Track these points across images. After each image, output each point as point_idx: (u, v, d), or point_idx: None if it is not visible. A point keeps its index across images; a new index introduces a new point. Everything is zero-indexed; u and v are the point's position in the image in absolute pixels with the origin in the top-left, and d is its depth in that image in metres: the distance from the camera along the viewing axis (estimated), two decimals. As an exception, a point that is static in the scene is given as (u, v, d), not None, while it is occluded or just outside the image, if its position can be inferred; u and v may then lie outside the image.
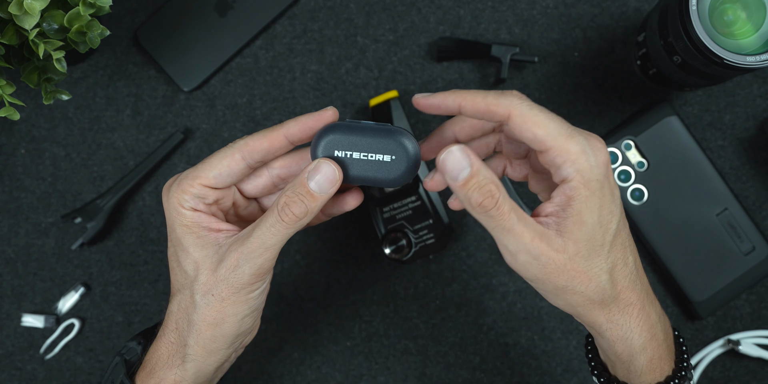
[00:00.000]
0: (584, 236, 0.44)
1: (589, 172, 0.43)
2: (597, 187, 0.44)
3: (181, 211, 0.47)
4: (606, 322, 0.46)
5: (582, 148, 0.43)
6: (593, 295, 0.45)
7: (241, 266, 0.46)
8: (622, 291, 0.46)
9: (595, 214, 0.44)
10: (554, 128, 0.43)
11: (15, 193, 0.68)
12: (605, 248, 0.45)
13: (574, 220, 0.44)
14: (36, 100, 0.68)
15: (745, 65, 0.53)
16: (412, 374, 0.68)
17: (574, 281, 0.45)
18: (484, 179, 0.43)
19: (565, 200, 0.44)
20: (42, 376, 0.68)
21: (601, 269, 0.45)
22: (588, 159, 0.43)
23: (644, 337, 0.47)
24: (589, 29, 0.68)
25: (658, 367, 0.48)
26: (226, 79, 0.68)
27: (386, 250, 0.64)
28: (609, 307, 0.46)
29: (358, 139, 0.46)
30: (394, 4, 0.68)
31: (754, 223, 0.66)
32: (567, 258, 0.44)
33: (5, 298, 0.68)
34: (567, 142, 0.43)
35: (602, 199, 0.44)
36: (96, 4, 0.52)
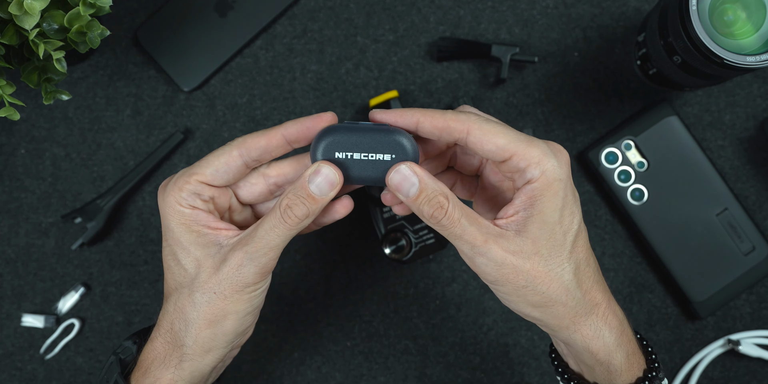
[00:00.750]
0: (544, 235, 0.45)
1: (552, 172, 0.44)
2: (560, 187, 0.45)
3: (178, 208, 0.47)
4: (573, 324, 0.46)
5: (544, 151, 0.45)
6: (555, 295, 0.45)
7: (245, 265, 0.46)
8: (588, 292, 0.46)
9: (556, 213, 0.45)
10: (514, 136, 0.45)
11: (15, 193, 0.68)
12: (566, 248, 0.45)
13: (534, 220, 0.45)
14: (36, 100, 0.68)
15: (745, 65, 0.53)
16: (412, 374, 0.68)
17: (535, 281, 0.45)
18: (433, 192, 0.45)
19: (527, 200, 0.45)
20: (42, 376, 0.68)
21: (564, 269, 0.45)
22: (550, 160, 0.45)
23: (615, 333, 0.47)
24: (589, 29, 0.68)
25: (636, 362, 0.48)
26: (226, 79, 0.68)
27: (386, 250, 0.64)
28: (574, 308, 0.46)
29: (357, 140, 0.46)
30: (394, 4, 0.68)
31: (754, 223, 0.66)
32: (525, 257, 0.45)
33: (5, 298, 0.68)
34: (528, 146, 0.45)
35: (564, 199, 0.45)
36: (96, 4, 0.52)
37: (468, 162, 0.52)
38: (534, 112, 0.68)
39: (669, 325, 0.68)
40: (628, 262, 0.68)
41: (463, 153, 0.51)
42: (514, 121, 0.68)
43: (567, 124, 0.68)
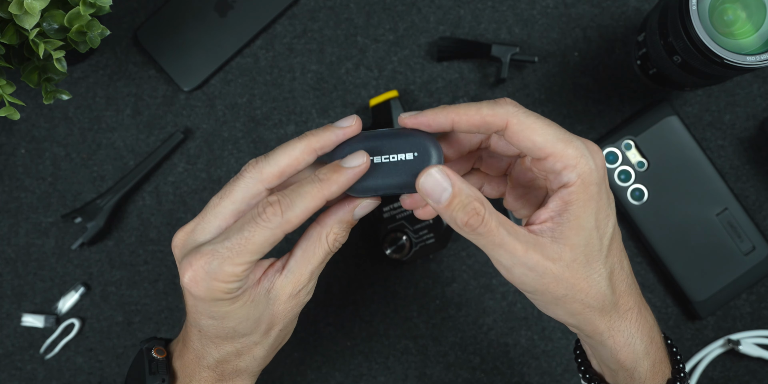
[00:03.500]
0: (581, 241, 0.43)
1: (588, 175, 0.43)
2: (595, 191, 0.43)
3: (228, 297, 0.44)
4: (607, 330, 0.45)
5: (581, 152, 0.43)
6: (593, 303, 0.44)
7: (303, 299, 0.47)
8: (621, 296, 0.45)
9: (592, 218, 0.43)
10: (552, 134, 0.43)
11: (15, 193, 0.68)
12: (603, 253, 0.44)
13: (570, 226, 0.43)
14: (36, 100, 0.68)
15: (745, 65, 0.53)
16: (412, 374, 0.68)
17: (574, 289, 0.44)
18: (467, 198, 0.42)
19: (562, 205, 0.43)
20: (42, 376, 0.68)
21: (600, 275, 0.44)
22: (588, 162, 0.43)
23: (645, 341, 0.46)
24: (589, 29, 0.68)
25: (660, 370, 0.47)
26: (226, 79, 0.68)
27: (386, 250, 0.64)
28: (609, 313, 0.45)
29: (376, 144, 0.45)
30: (394, 4, 0.68)
31: (754, 223, 0.66)
32: (564, 266, 0.43)
33: (5, 298, 0.68)
34: (566, 147, 0.43)
35: (599, 203, 0.43)
36: (96, 4, 0.52)
37: (495, 164, 0.50)
38: (534, 112, 0.68)
39: (669, 325, 0.68)
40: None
41: (489, 156, 0.50)
42: (514, 121, 0.68)
43: (567, 124, 0.68)
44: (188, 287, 0.44)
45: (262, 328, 0.47)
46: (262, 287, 0.46)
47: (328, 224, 0.46)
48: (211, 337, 0.47)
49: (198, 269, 0.43)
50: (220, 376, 0.49)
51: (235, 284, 0.44)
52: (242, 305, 0.45)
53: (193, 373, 0.49)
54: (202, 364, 0.48)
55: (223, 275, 0.43)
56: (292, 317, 0.48)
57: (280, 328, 0.48)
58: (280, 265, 0.47)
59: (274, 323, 0.47)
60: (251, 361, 0.48)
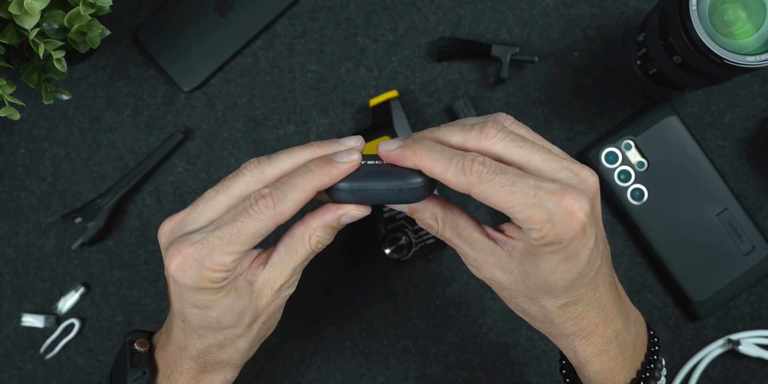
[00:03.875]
0: (535, 275, 0.44)
1: (553, 238, 0.42)
2: (560, 248, 0.42)
3: (214, 286, 0.45)
4: (549, 335, 0.48)
5: (548, 217, 0.41)
6: (536, 315, 0.46)
7: (283, 292, 0.48)
8: (569, 319, 0.46)
9: (551, 265, 0.43)
10: (517, 201, 0.42)
11: (15, 193, 0.68)
12: (557, 291, 0.44)
13: (529, 261, 0.44)
14: (36, 100, 0.68)
15: (745, 65, 0.53)
16: (412, 374, 0.68)
17: (517, 298, 0.46)
18: (422, 215, 0.47)
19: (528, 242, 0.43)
20: (42, 376, 0.68)
21: (549, 303, 0.45)
22: (554, 227, 0.41)
23: (589, 352, 0.47)
24: (589, 29, 0.68)
25: (609, 377, 0.48)
26: (226, 79, 0.68)
27: (386, 250, 0.64)
28: (553, 327, 0.47)
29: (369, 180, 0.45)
30: (394, 4, 0.68)
31: (754, 223, 0.66)
32: (512, 279, 0.45)
33: (5, 298, 0.68)
34: (532, 212, 0.41)
35: (564, 255, 0.43)
36: (96, 4, 0.52)
37: None
38: (534, 112, 0.68)
39: (669, 325, 0.68)
40: (628, 262, 0.68)
41: None
42: (514, 121, 0.68)
43: (567, 124, 0.68)
44: (175, 274, 0.44)
45: (246, 320, 0.47)
46: (245, 279, 0.47)
47: (312, 227, 0.47)
48: (194, 327, 0.47)
49: (187, 257, 0.44)
50: (202, 368, 0.49)
51: (223, 274, 0.44)
52: (226, 295, 0.45)
53: (175, 365, 0.49)
54: (185, 354, 0.49)
55: (212, 264, 0.43)
56: (275, 310, 0.48)
57: (263, 320, 0.48)
58: (264, 258, 0.47)
59: (257, 316, 0.48)
60: (234, 353, 0.49)
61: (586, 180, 0.44)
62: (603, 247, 0.46)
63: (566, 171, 0.44)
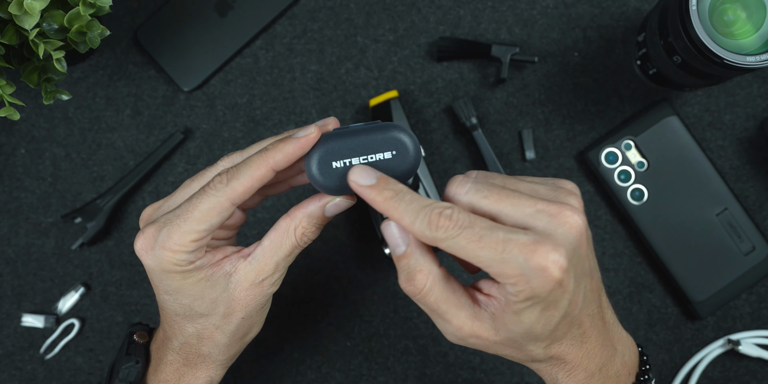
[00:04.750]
0: (520, 330, 0.42)
1: (529, 292, 0.40)
2: (539, 300, 0.41)
3: (179, 269, 0.45)
4: (534, 369, 0.48)
5: (520, 272, 0.40)
6: (523, 358, 0.46)
7: (266, 289, 0.47)
8: (555, 355, 0.45)
9: (534, 316, 0.42)
10: (486, 257, 0.40)
11: (15, 193, 0.68)
12: (543, 335, 0.43)
13: (511, 318, 0.42)
14: (36, 100, 0.68)
15: (745, 65, 0.53)
16: (412, 374, 0.68)
17: (503, 352, 0.45)
18: (415, 264, 0.43)
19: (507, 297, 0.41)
20: (42, 376, 0.68)
21: (536, 347, 0.44)
22: (528, 281, 0.40)
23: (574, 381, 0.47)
24: (589, 29, 0.68)
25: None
26: (226, 79, 0.68)
27: (386, 250, 0.64)
28: (537, 365, 0.47)
29: (352, 144, 0.44)
30: (394, 4, 0.68)
31: (754, 223, 0.66)
32: (498, 340, 0.43)
33: (5, 298, 0.68)
34: (503, 268, 0.40)
35: (546, 305, 0.41)
36: (96, 4, 0.52)
37: None
38: (534, 112, 0.68)
39: (669, 325, 0.68)
40: (628, 262, 0.68)
41: None
42: (514, 121, 0.68)
43: (567, 124, 0.68)
44: (139, 255, 0.45)
45: (220, 310, 0.47)
46: (222, 269, 0.46)
47: (297, 217, 0.47)
48: (170, 314, 0.48)
49: (149, 237, 0.44)
50: (185, 361, 0.50)
51: (183, 256, 0.44)
52: (196, 282, 0.46)
53: (162, 356, 0.50)
54: (169, 346, 0.49)
55: (171, 244, 0.44)
56: (256, 306, 0.48)
57: (242, 315, 0.48)
58: (247, 252, 0.47)
59: (233, 308, 0.47)
60: (213, 347, 0.49)
61: (565, 222, 0.41)
62: (589, 284, 0.44)
63: (542, 215, 0.41)
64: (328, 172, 0.44)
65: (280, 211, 0.68)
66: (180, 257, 0.44)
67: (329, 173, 0.44)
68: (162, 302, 0.48)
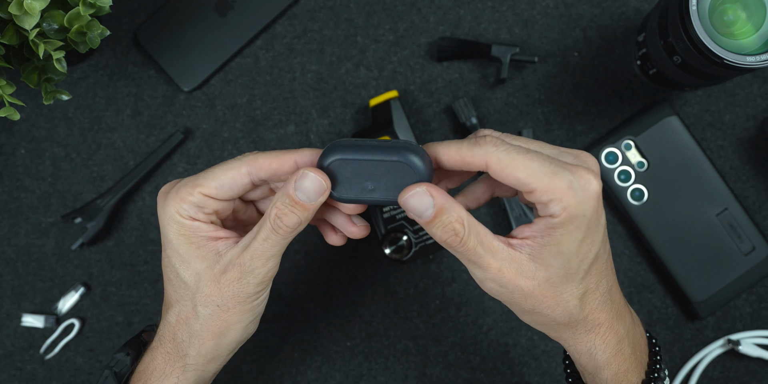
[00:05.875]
0: (558, 264, 0.44)
1: (576, 208, 0.42)
2: (583, 222, 0.43)
3: (178, 219, 0.46)
4: (571, 339, 0.47)
5: (568, 185, 0.42)
6: (559, 318, 0.46)
7: (244, 278, 0.46)
8: (591, 313, 0.46)
9: (574, 245, 0.43)
10: (536, 168, 0.42)
11: (15, 193, 0.68)
12: (579, 276, 0.44)
13: (550, 250, 0.43)
14: (36, 100, 0.68)
15: (745, 65, 0.53)
16: (412, 374, 0.68)
17: (542, 305, 0.45)
18: (448, 218, 0.43)
19: (546, 230, 0.43)
20: (42, 376, 0.68)
21: (572, 295, 0.45)
22: (576, 195, 0.42)
23: (608, 352, 0.47)
24: (589, 29, 0.68)
25: (625, 379, 0.48)
26: (226, 79, 0.68)
27: (386, 250, 0.64)
28: (575, 327, 0.46)
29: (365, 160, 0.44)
30: (394, 4, 0.68)
31: (754, 223, 0.66)
32: (536, 284, 0.44)
33: (5, 298, 0.68)
34: (552, 180, 0.42)
35: (586, 232, 0.43)
36: (96, 4, 0.52)
37: None
38: (534, 112, 0.68)
39: (669, 325, 0.68)
40: (628, 262, 0.68)
41: None
42: (514, 121, 0.68)
43: (567, 124, 0.68)
44: (159, 198, 0.48)
45: (202, 288, 0.46)
46: (216, 246, 0.46)
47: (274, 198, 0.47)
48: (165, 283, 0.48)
49: (166, 187, 0.48)
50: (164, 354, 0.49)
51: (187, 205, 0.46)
52: (188, 243, 0.46)
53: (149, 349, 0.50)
54: (155, 337, 0.50)
55: (182, 193, 0.46)
56: (233, 297, 0.46)
57: (218, 303, 0.47)
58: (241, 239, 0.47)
59: (212, 291, 0.46)
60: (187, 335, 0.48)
61: (587, 160, 0.45)
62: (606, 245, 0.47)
63: (567, 155, 0.45)
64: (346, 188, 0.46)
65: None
66: (184, 205, 0.46)
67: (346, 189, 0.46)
68: (163, 267, 0.48)
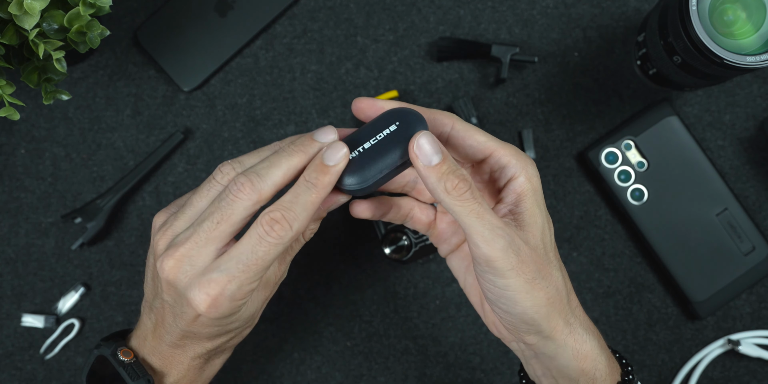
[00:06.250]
0: (539, 232, 0.46)
1: (530, 167, 0.47)
2: (537, 185, 0.47)
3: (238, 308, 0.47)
4: (567, 326, 0.46)
5: (517, 150, 0.47)
6: (554, 293, 0.46)
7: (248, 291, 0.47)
8: (570, 292, 0.48)
9: (543, 214, 0.47)
10: (491, 136, 0.47)
11: (15, 193, 0.68)
12: (554, 249, 0.47)
13: (528, 215, 0.46)
14: (36, 100, 0.68)
15: (745, 65, 0.53)
16: (412, 374, 0.68)
17: (541, 273, 0.45)
18: (455, 164, 0.45)
19: (516, 198, 0.46)
20: (42, 376, 0.68)
21: (556, 268, 0.47)
22: (526, 157, 0.47)
23: (596, 338, 0.48)
24: (589, 29, 0.68)
25: (614, 366, 0.49)
26: (226, 79, 0.68)
27: (386, 250, 0.64)
28: (565, 309, 0.47)
29: (359, 133, 0.46)
30: (394, 4, 0.68)
31: (754, 223, 0.66)
32: (532, 248, 0.46)
33: (5, 298, 0.68)
34: (505, 145, 0.47)
35: (542, 201, 0.47)
36: (96, 4, 0.52)
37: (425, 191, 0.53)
38: (534, 112, 0.68)
39: (669, 325, 0.68)
40: (628, 262, 0.68)
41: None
42: (514, 121, 0.68)
43: (567, 124, 0.68)
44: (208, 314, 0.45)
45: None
46: None
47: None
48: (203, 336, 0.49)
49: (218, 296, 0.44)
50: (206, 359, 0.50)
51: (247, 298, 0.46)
52: None
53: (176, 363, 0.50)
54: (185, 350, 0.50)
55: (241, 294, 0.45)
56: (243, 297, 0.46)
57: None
58: None
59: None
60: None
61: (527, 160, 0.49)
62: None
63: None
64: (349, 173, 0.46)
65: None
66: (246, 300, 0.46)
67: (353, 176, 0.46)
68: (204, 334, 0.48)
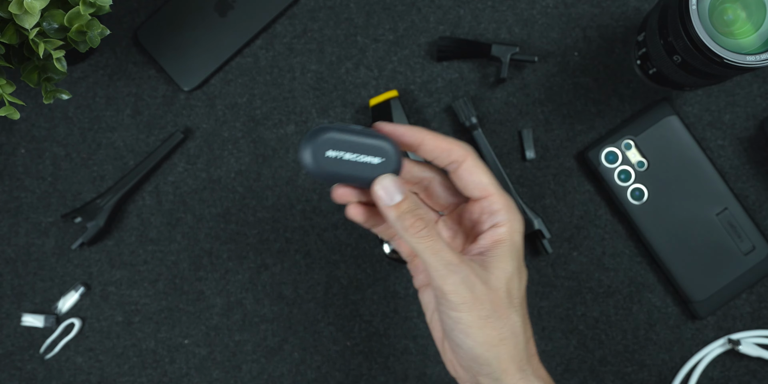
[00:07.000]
0: (504, 278, 0.47)
1: (517, 222, 0.49)
2: (518, 240, 0.48)
3: None
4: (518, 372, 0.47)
5: (512, 204, 0.49)
6: (510, 333, 0.47)
7: None
8: (528, 340, 0.49)
9: (514, 264, 0.48)
10: (494, 181, 0.49)
11: (15, 193, 0.68)
12: (520, 296, 0.48)
13: (495, 261, 0.47)
14: (36, 99, 0.68)
15: (745, 65, 0.53)
16: (412, 374, 0.68)
17: (497, 313, 0.46)
18: (415, 204, 0.47)
19: (491, 244, 0.48)
20: (42, 376, 0.68)
21: (517, 314, 0.48)
22: (516, 213, 0.49)
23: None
24: (589, 29, 0.68)
25: None
26: (226, 79, 0.68)
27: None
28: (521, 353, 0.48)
29: (350, 141, 0.47)
30: (394, 4, 0.68)
31: (754, 223, 0.66)
32: (489, 289, 0.47)
33: (5, 298, 0.68)
34: (502, 194, 0.49)
35: (519, 254, 0.49)
36: (96, 4, 0.53)
37: None
38: (534, 111, 0.68)
39: (669, 325, 0.68)
40: (628, 262, 0.68)
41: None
42: (514, 121, 0.68)
43: (567, 124, 0.68)
44: None
45: None
46: None
47: None
48: None
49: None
50: None
51: None
52: None
53: None
54: None
55: None
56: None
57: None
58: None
59: None
60: None
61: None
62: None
63: None
64: (321, 158, 0.47)
65: (279, 211, 0.68)
66: None
67: (321, 160, 0.47)
68: None
